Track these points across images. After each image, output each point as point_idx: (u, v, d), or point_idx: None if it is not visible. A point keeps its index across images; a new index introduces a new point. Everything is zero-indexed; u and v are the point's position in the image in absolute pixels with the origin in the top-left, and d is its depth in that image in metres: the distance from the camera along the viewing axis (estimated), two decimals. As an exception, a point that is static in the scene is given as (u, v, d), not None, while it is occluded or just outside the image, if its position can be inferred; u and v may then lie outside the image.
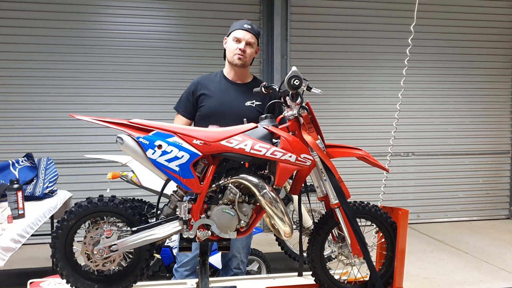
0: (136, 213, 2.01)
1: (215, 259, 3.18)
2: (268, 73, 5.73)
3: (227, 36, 2.64)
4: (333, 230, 2.25)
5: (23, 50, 5.14)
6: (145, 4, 5.45)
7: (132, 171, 3.47)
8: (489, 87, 6.42)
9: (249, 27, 2.58)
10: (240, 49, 2.55)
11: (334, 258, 2.33)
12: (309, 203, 2.65)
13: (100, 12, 5.37)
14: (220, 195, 2.06)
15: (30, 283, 2.65)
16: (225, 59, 2.70)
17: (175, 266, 2.85)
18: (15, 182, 2.98)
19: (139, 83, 5.43)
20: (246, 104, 2.60)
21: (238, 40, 2.57)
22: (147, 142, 1.94)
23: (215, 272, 3.23)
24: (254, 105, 2.60)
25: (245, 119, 2.12)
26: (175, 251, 3.37)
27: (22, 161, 3.63)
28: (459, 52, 6.27)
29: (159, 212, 2.09)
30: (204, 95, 2.61)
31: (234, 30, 2.59)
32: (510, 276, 4.19)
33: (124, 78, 5.40)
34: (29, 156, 3.68)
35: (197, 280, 2.28)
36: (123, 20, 5.40)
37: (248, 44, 2.57)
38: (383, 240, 2.32)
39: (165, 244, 3.35)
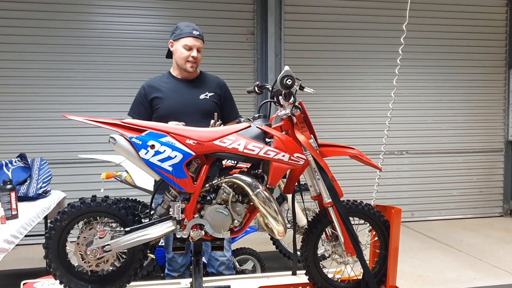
0: (129, 213, 2.01)
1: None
2: (262, 73, 5.74)
3: (174, 40, 2.67)
4: (326, 229, 2.26)
5: (16, 50, 5.10)
6: (138, 4, 5.43)
7: (126, 171, 3.47)
8: (482, 86, 6.45)
9: (198, 33, 2.66)
10: (193, 57, 2.63)
11: (327, 257, 2.34)
12: (303, 202, 2.65)
13: (94, 12, 5.34)
14: (213, 195, 2.06)
15: (24, 284, 2.64)
16: (168, 58, 2.78)
17: (166, 271, 2.91)
18: (8, 182, 2.96)
19: (132, 82, 5.39)
20: (200, 97, 2.68)
21: (190, 48, 2.63)
22: (140, 142, 1.94)
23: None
24: (208, 97, 2.69)
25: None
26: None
27: (15, 162, 3.61)
28: (452, 50, 6.30)
29: (152, 212, 2.09)
30: (157, 97, 2.67)
31: (184, 38, 2.63)
32: (504, 273, 4.22)
33: (118, 78, 5.38)
34: (22, 157, 3.66)
35: (191, 279, 2.28)
36: (117, 20, 5.38)
37: (198, 50, 2.66)
38: (376, 238, 2.33)
39: (159, 244, 3.35)
